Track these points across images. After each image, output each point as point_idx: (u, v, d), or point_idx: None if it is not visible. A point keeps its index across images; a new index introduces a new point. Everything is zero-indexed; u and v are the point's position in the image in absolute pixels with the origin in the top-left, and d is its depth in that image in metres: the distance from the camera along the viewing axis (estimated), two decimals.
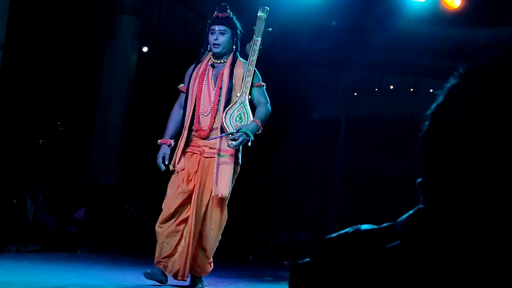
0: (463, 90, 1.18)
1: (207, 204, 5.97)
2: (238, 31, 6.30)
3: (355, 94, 21.51)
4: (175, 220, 6.03)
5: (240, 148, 6.08)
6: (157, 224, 6.05)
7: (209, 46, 6.21)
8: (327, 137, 19.78)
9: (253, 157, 18.42)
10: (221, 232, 6.05)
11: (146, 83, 15.22)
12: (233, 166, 5.95)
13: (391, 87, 21.82)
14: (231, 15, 6.28)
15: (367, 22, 18.03)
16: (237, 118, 5.92)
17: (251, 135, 5.81)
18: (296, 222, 16.97)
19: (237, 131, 5.82)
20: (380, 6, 16.19)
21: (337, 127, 18.26)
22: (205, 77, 6.15)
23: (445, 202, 1.15)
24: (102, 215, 10.95)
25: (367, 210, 18.93)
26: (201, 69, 6.17)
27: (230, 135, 5.84)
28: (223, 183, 5.88)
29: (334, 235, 1.29)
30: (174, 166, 6.05)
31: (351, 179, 19.79)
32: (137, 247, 9.63)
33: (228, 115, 5.91)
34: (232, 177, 5.95)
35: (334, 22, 19.59)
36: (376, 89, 21.82)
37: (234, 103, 6.00)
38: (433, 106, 1.23)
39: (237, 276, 7.74)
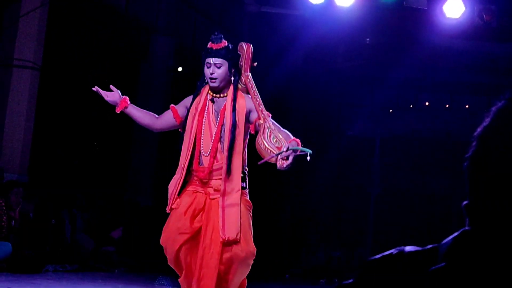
0: (511, 113, 1.17)
1: (219, 246, 5.40)
2: (236, 62, 5.66)
3: (390, 111, 21.42)
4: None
5: (247, 184, 5.52)
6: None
7: (206, 79, 5.65)
8: (362, 155, 19.71)
9: (288, 176, 18.41)
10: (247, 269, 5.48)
11: None
12: (240, 207, 5.41)
13: (427, 104, 21.69)
14: (227, 44, 5.64)
15: (401, 39, 17.98)
16: (274, 142, 5.36)
17: (304, 149, 5.18)
18: (332, 241, 16.90)
19: (287, 150, 5.22)
20: (414, 23, 16.13)
21: (372, 145, 18.21)
22: (205, 113, 5.61)
23: (493, 225, 1.14)
24: (139, 235, 11.00)
25: (403, 229, 18.80)
26: (201, 104, 5.62)
27: (280, 154, 5.18)
28: (230, 225, 5.38)
29: (378, 256, 1.28)
30: (170, 209, 5.47)
31: (386, 197, 19.69)
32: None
33: (266, 139, 5.38)
34: (240, 215, 5.40)
35: (368, 39, 19.55)
36: (411, 106, 21.70)
37: (263, 129, 5.42)
38: (480, 128, 1.21)
39: None
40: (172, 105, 5.79)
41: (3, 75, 10.21)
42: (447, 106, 21.34)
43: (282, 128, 5.53)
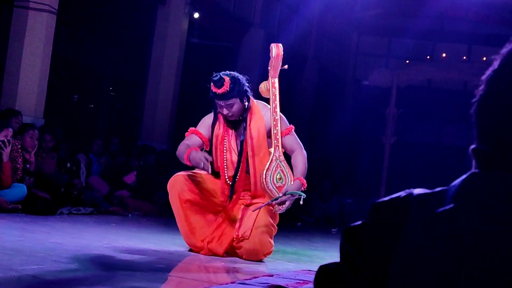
0: None
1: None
2: (245, 88, 5.51)
3: (407, 62, 21.30)
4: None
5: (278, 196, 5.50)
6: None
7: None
8: (377, 105, 19.65)
9: (303, 124, 18.36)
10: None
11: (197, 50, 15.25)
12: (258, 211, 5.48)
13: (444, 55, 21.54)
14: (230, 81, 5.42)
15: None
16: (278, 179, 5.42)
17: (300, 193, 5.35)
18: (345, 190, 16.94)
19: (284, 195, 5.37)
20: None
21: (388, 95, 18.10)
22: (225, 140, 5.63)
23: (500, 167, 1.14)
24: (153, 180, 11.06)
25: (417, 179, 18.82)
26: (221, 129, 5.63)
27: (276, 200, 5.36)
28: (246, 225, 5.46)
29: (386, 198, 1.29)
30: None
31: (401, 147, 19.68)
32: None
33: (268, 178, 5.41)
34: (257, 216, 5.47)
35: None
36: (428, 57, 21.56)
37: (270, 162, 5.43)
38: (489, 71, 1.21)
39: (285, 242, 7.77)
40: (193, 128, 5.72)
41: (20, 17, 10.18)
42: (464, 58, 21.19)
43: (298, 150, 5.58)
